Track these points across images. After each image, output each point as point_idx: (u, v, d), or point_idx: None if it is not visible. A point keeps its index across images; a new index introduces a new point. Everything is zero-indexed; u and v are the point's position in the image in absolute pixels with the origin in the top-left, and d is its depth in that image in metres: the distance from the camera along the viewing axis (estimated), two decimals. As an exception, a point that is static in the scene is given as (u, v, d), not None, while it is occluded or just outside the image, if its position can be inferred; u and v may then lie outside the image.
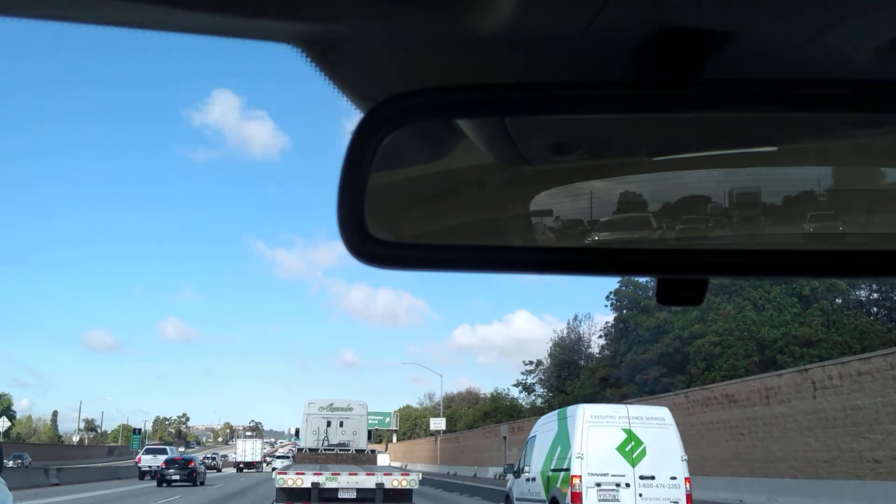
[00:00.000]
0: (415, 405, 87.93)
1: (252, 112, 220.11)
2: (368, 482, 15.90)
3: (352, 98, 1.09)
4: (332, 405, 21.59)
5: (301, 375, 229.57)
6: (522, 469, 14.32)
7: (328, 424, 21.21)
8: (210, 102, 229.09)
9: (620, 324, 45.15)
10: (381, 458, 21.81)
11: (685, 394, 27.69)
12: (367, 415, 22.32)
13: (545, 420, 14.23)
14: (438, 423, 62.95)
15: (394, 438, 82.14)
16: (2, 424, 55.61)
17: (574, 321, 55.94)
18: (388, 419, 73.95)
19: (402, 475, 16.31)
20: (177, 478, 40.02)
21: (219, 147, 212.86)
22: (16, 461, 55.29)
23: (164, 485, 39.25)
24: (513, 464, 15.53)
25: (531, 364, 55.86)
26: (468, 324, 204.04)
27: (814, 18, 0.90)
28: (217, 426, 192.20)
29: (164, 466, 41.01)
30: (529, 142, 1.15)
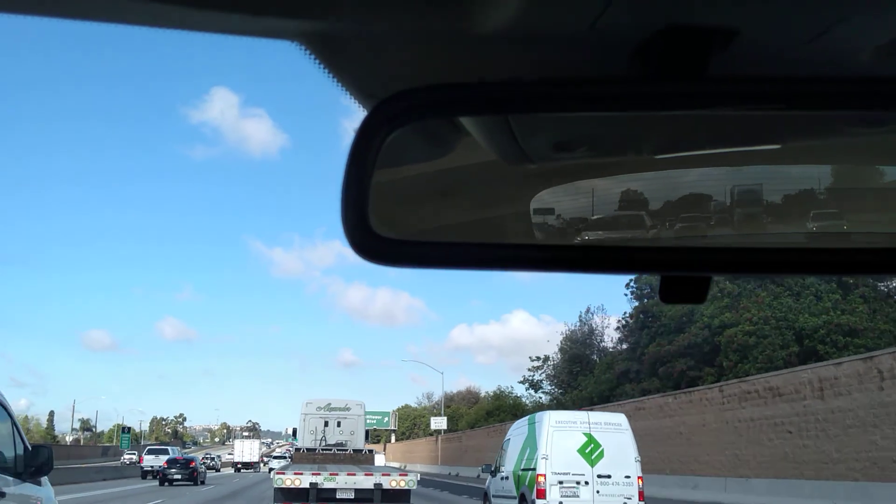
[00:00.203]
0: (413, 405, 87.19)
1: (251, 110, 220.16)
2: (367, 482, 15.90)
3: (355, 95, 1.09)
4: (330, 405, 21.56)
5: (299, 375, 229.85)
6: (498, 469, 15.85)
7: (326, 424, 21.18)
8: (208, 100, 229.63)
9: (641, 314, 40.42)
10: (377, 459, 21.78)
11: (719, 387, 24.94)
12: (365, 415, 22.32)
13: (518, 424, 15.61)
14: (439, 423, 61.00)
15: (392, 438, 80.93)
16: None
17: (586, 313, 51.57)
18: (387, 419, 72.53)
19: (401, 475, 16.31)
20: (178, 477, 40.21)
21: (217, 145, 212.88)
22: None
23: (166, 484, 39.42)
24: (490, 464, 17.15)
25: (538, 360, 52.12)
26: (466, 324, 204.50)
27: (816, 17, 0.90)
28: (214, 426, 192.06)
29: (166, 466, 41.27)
30: (533, 139, 1.15)
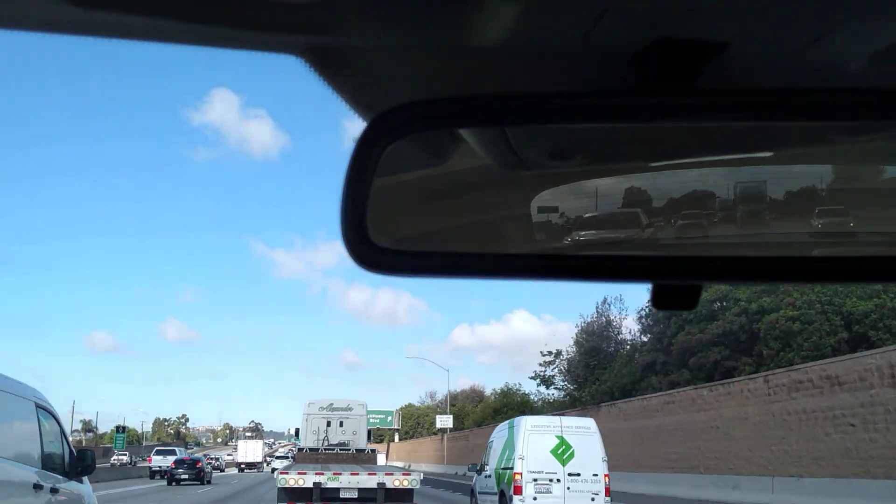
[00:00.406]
0: (416, 404, 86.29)
1: (252, 111, 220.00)
2: (370, 482, 15.92)
3: (355, 107, 1.11)
4: (332, 405, 21.56)
5: (301, 376, 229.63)
6: (483, 468, 17.49)
7: (328, 424, 21.18)
8: (209, 101, 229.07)
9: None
10: (377, 459, 21.81)
11: (764, 377, 22.65)
12: (368, 414, 22.31)
13: (500, 428, 17.23)
14: (445, 421, 58.16)
15: (396, 438, 79.77)
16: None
17: (603, 304, 46.98)
18: (390, 418, 71.00)
19: (404, 475, 16.34)
20: (185, 477, 40.60)
21: (218, 147, 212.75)
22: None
23: (174, 483, 39.70)
24: (476, 463, 18.86)
25: (549, 354, 47.41)
26: (467, 323, 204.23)
27: (804, 29, 0.92)
28: (217, 427, 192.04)
29: (174, 466, 41.66)
30: (529, 148, 1.16)
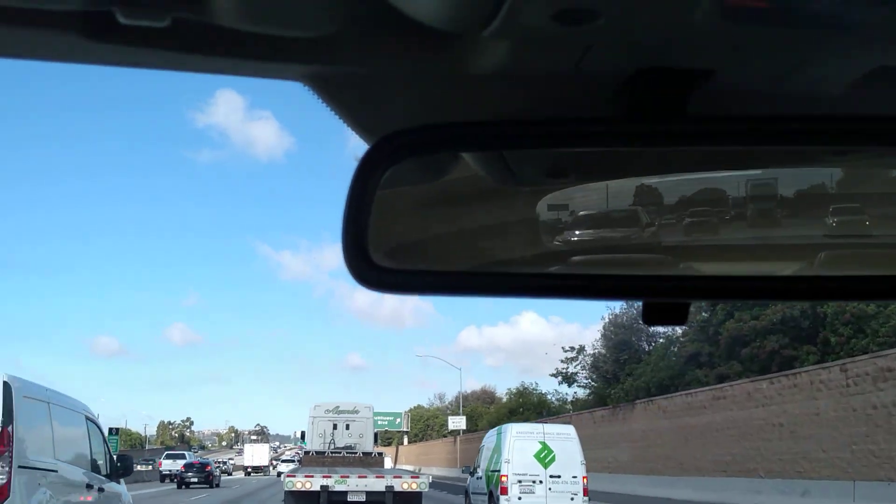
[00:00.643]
0: (425, 406, 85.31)
1: (256, 112, 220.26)
2: (378, 485, 15.95)
3: (357, 131, 1.15)
4: (338, 408, 21.57)
5: (307, 378, 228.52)
6: (476, 470, 19.17)
7: (334, 427, 21.19)
8: (214, 103, 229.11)
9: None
10: (384, 462, 21.83)
11: (840, 366, 20.77)
12: (375, 416, 22.31)
13: (490, 434, 18.93)
14: (458, 422, 55.59)
15: (405, 440, 77.25)
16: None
17: None
18: (399, 420, 67.53)
19: (412, 478, 16.40)
20: (195, 480, 40.94)
21: (223, 148, 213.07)
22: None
23: (184, 487, 39.95)
24: (469, 465, 20.75)
25: (572, 350, 43.46)
26: (475, 325, 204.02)
27: (784, 58, 0.96)
28: (222, 430, 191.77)
29: (184, 470, 41.97)
30: (526, 168, 1.21)
